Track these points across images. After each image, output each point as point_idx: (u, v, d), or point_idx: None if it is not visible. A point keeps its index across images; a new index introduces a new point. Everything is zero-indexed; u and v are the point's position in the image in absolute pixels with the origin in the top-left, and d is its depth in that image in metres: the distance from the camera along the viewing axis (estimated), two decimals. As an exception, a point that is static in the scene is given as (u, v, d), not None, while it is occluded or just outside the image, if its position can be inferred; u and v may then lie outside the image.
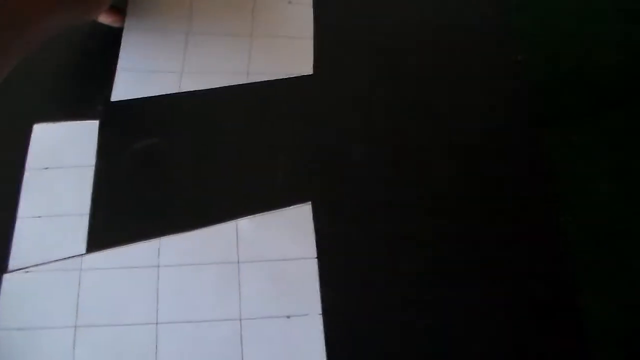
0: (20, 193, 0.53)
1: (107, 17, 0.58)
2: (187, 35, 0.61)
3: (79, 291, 0.49)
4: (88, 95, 0.58)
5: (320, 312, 0.48)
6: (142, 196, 0.53)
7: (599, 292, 0.51)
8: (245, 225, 0.52)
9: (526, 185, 0.55)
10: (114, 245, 0.51)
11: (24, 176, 0.54)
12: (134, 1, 0.61)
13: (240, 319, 0.48)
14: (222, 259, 0.50)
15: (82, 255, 0.50)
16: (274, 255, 0.50)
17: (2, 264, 0.50)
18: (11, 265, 0.50)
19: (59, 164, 0.55)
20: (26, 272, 0.50)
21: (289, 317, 0.48)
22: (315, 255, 0.50)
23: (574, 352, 0.48)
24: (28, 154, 0.55)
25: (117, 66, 0.59)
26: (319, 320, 0.48)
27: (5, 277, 0.50)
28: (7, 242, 0.51)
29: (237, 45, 0.60)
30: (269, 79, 0.59)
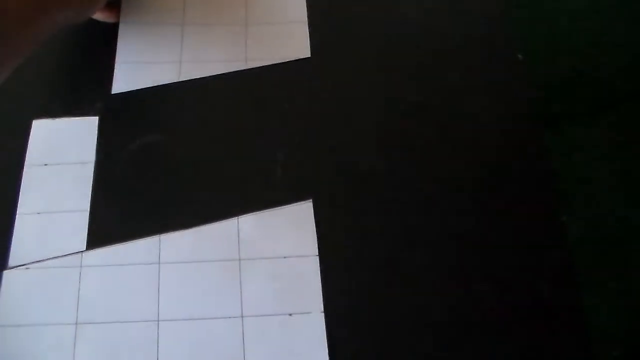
0: (19, 189, 0.53)
1: (101, 14, 0.58)
2: (183, 25, 0.61)
3: (79, 288, 0.49)
4: (87, 90, 0.58)
5: (322, 310, 0.48)
6: (143, 192, 0.53)
7: (601, 291, 0.51)
8: (246, 223, 0.51)
9: (527, 185, 0.55)
10: (115, 242, 0.51)
11: (23, 172, 0.54)
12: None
13: (242, 316, 0.48)
14: (223, 256, 0.50)
15: (82, 252, 0.50)
16: (275, 252, 0.50)
17: (2, 260, 0.50)
18: (11, 262, 0.50)
19: (58, 160, 0.54)
20: (26, 268, 0.49)
21: (290, 314, 0.48)
22: (317, 252, 0.50)
23: (577, 351, 0.48)
24: (27, 150, 0.55)
25: (115, 59, 0.59)
26: (320, 317, 0.48)
27: (5, 274, 0.49)
28: (7, 238, 0.51)
29: (233, 32, 0.61)
30: (267, 64, 0.59)
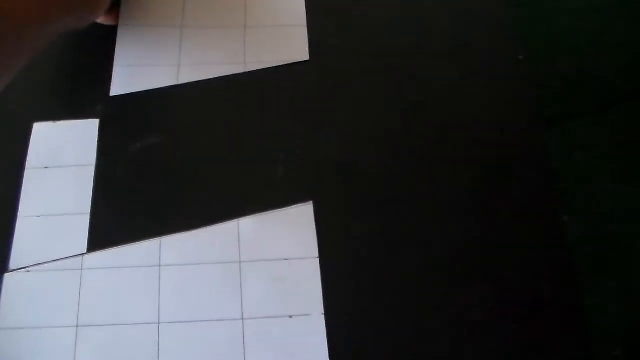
0: (20, 192, 0.53)
1: (101, 17, 0.58)
2: (182, 28, 0.61)
3: (80, 290, 0.49)
4: (87, 93, 0.58)
5: (323, 312, 0.48)
6: (143, 195, 0.53)
7: (602, 291, 0.51)
8: (247, 225, 0.51)
9: (528, 185, 0.55)
10: (115, 245, 0.51)
11: (24, 175, 0.54)
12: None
13: (242, 318, 0.48)
14: (223, 258, 0.50)
15: (83, 254, 0.50)
16: (276, 255, 0.50)
17: (3, 263, 0.50)
18: (12, 265, 0.50)
19: (59, 163, 0.54)
20: (27, 271, 0.50)
21: (291, 317, 0.48)
22: (317, 255, 0.50)
23: (577, 351, 0.48)
24: (28, 153, 0.55)
25: (114, 62, 0.59)
26: (321, 320, 0.48)
27: (6, 276, 0.49)
28: (8, 241, 0.51)
29: (232, 35, 0.61)
30: (266, 67, 0.59)
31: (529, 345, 0.49)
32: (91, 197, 0.53)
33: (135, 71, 0.59)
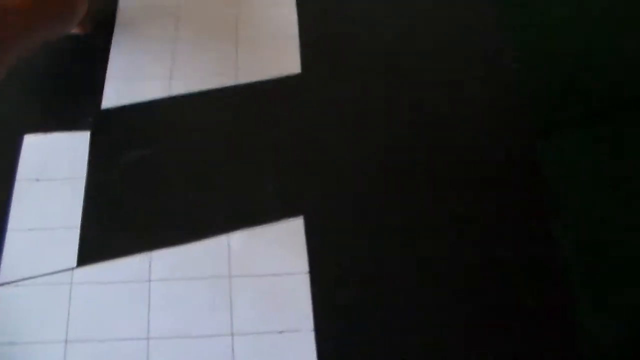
0: (10, 205, 0.53)
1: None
2: (175, 41, 0.61)
3: (69, 305, 0.49)
4: (79, 105, 0.58)
5: (313, 328, 0.48)
6: (134, 209, 0.53)
7: (593, 304, 0.51)
8: (237, 240, 0.51)
9: (520, 194, 0.55)
10: (105, 259, 0.51)
11: (14, 188, 0.54)
12: (123, 12, 0.62)
13: (232, 334, 0.48)
14: (213, 273, 0.50)
15: (72, 268, 0.50)
16: (266, 269, 0.50)
17: (-8, 277, 0.50)
18: (1, 279, 0.50)
19: (50, 175, 0.54)
20: (16, 286, 0.49)
21: (281, 332, 0.48)
22: (308, 270, 0.50)
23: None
24: (19, 165, 0.55)
25: (106, 74, 0.59)
26: (311, 335, 0.48)
27: (-5, 291, 0.49)
28: (-3, 255, 0.51)
29: (224, 49, 0.61)
30: (258, 79, 0.59)
31: (523, 358, 0.49)
32: (81, 210, 0.53)
33: (127, 84, 0.59)
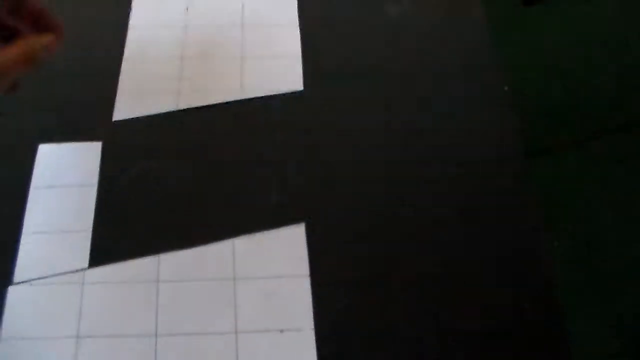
0: (25, 210, 0.55)
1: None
2: (182, 58, 0.65)
3: (81, 303, 0.51)
4: (91, 117, 0.61)
5: (313, 327, 0.51)
6: (143, 214, 0.56)
7: (587, 317, 0.53)
8: (241, 244, 0.54)
9: (515, 213, 0.58)
10: (115, 261, 0.53)
11: (29, 194, 0.56)
12: (134, 29, 0.65)
13: (236, 332, 0.50)
14: (218, 275, 0.53)
15: (84, 269, 0.53)
16: (268, 272, 0.53)
17: (8, 276, 0.52)
18: (16, 278, 0.52)
19: (63, 182, 0.57)
20: (30, 284, 0.52)
21: (282, 331, 0.50)
22: (308, 273, 0.53)
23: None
24: (33, 172, 0.58)
25: (117, 88, 0.62)
26: (311, 335, 0.50)
27: (10, 289, 0.52)
28: (13, 255, 0.53)
29: (230, 65, 0.65)
30: (262, 95, 0.63)
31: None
32: (93, 216, 0.55)
33: (137, 97, 0.62)
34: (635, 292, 0.54)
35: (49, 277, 0.52)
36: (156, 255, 0.53)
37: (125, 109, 0.61)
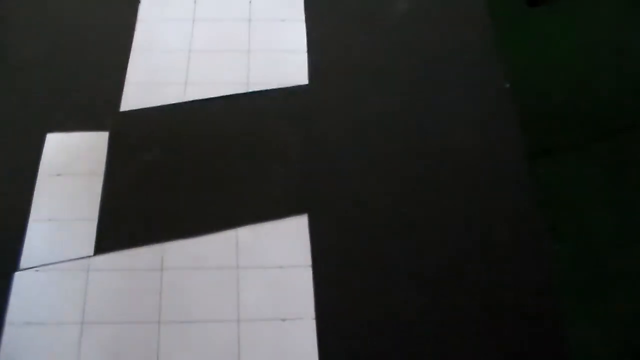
0: (33, 197, 0.56)
1: None
2: (190, 50, 0.66)
3: (86, 290, 0.52)
4: (99, 107, 0.62)
5: (314, 316, 0.51)
6: (148, 203, 0.57)
7: (589, 322, 0.53)
8: (245, 234, 0.55)
9: (516, 213, 0.58)
10: (120, 249, 0.54)
11: (37, 182, 0.57)
12: (142, 22, 0.66)
13: (238, 320, 0.51)
14: (222, 264, 0.53)
15: (89, 257, 0.53)
16: (271, 262, 0.53)
17: (14, 262, 0.53)
18: (22, 264, 0.53)
19: (70, 171, 0.58)
20: (36, 271, 0.52)
21: (284, 320, 0.51)
22: (310, 263, 0.53)
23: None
24: (41, 161, 0.58)
25: (125, 79, 0.63)
26: (312, 323, 0.51)
27: (16, 275, 0.52)
28: (20, 242, 0.54)
29: (237, 58, 0.66)
30: (268, 88, 0.63)
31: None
32: (99, 204, 0.56)
33: (144, 88, 0.63)
34: (635, 294, 0.54)
35: (55, 263, 0.53)
36: (160, 244, 0.54)
37: (132, 99, 0.62)
